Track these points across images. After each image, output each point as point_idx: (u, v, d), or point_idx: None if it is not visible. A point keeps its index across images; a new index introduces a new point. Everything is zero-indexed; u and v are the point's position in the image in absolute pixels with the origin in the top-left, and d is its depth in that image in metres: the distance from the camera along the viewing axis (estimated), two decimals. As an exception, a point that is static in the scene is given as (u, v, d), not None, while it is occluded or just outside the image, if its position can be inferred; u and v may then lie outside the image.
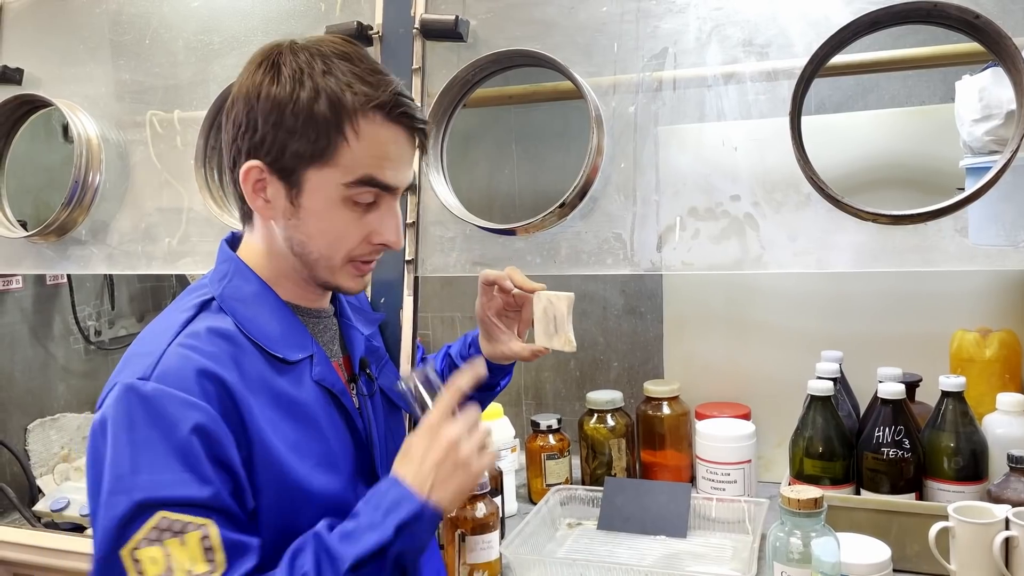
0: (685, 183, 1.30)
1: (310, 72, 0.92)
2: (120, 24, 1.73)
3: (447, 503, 0.93)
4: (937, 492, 1.37)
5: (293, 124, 0.91)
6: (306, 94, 0.91)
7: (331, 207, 0.95)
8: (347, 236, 0.97)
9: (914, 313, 1.66)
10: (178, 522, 0.82)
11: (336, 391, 1.01)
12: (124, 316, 2.24)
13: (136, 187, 1.71)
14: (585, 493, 1.61)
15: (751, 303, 1.79)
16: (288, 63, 0.93)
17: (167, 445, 0.84)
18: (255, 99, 0.92)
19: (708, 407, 1.77)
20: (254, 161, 0.94)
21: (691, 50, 1.31)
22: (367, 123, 0.93)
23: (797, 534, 1.18)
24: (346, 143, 0.92)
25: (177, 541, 0.82)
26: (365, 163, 0.93)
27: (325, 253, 0.97)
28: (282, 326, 0.99)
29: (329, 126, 0.91)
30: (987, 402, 1.44)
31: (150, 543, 0.82)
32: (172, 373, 0.87)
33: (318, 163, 0.93)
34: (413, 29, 1.43)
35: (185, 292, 1.02)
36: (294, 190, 0.94)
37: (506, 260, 1.39)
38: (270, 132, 0.92)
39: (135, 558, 0.81)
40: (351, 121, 0.92)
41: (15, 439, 1.90)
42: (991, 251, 1.14)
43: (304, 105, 0.91)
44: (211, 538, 0.83)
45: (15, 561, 1.62)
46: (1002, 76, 1.17)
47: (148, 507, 0.82)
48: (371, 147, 0.93)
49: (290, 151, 0.92)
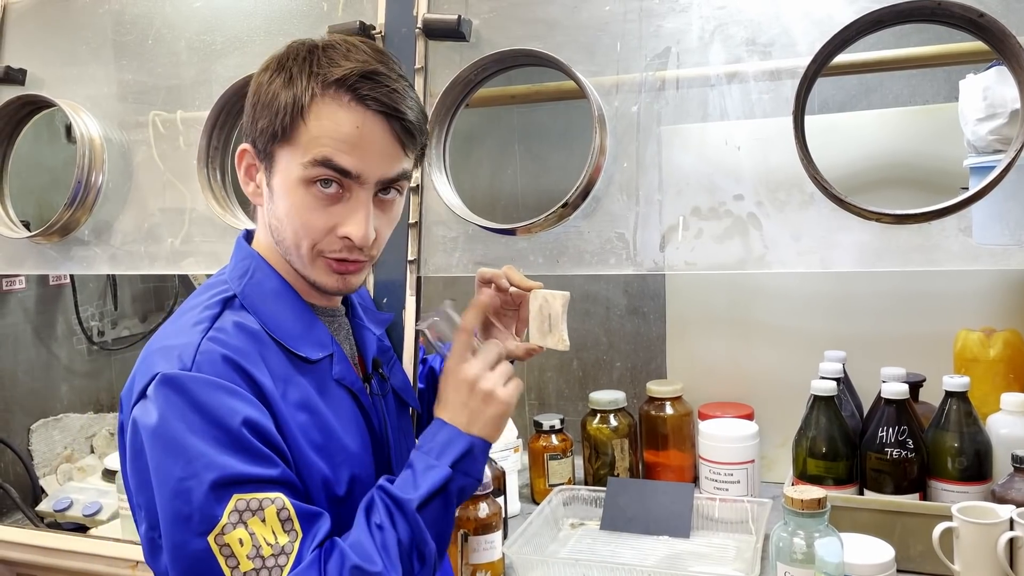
0: (688, 183, 1.30)
1: (291, 60, 0.94)
2: (123, 24, 1.73)
3: (489, 434, 0.99)
4: (941, 492, 1.37)
5: (263, 103, 0.94)
6: (280, 77, 0.93)
7: (293, 187, 0.94)
8: (310, 223, 0.94)
9: (918, 313, 1.65)
10: (254, 500, 0.84)
11: (356, 390, 1.02)
12: (127, 316, 2.24)
13: (139, 187, 1.71)
14: (588, 493, 1.61)
15: (754, 303, 1.79)
16: (279, 55, 0.96)
17: (221, 429, 0.85)
18: (249, 89, 0.97)
19: (711, 407, 1.77)
20: (244, 144, 0.98)
21: (694, 49, 1.30)
22: (327, 102, 0.91)
23: (800, 534, 1.18)
24: (303, 121, 0.92)
25: (257, 519, 0.84)
26: (323, 143, 0.91)
27: (293, 240, 0.96)
28: (303, 324, 0.99)
29: (288, 104, 0.92)
30: (991, 402, 1.44)
31: (233, 527, 0.83)
32: (212, 364, 0.88)
33: (282, 141, 0.93)
34: (416, 29, 1.43)
35: (203, 288, 1.02)
36: (270, 171, 0.96)
37: (509, 260, 1.39)
38: (249, 112, 0.96)
39: (221, 543, 0.82)
40: (311, 99, 0.91)
41: (18, 439, 1.90)
42: (995, 250, 1.14)
43: (274, 86, 0.93)
44: (287, 509, 0.85)
45: (18, 561, 1.62)
46: (1006, 75, 1.17)
47: (222, 487, 0.83)
48: (329, 127, 0.91)
49: (259, 128, 0.95)
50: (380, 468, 1.05)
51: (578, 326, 2.04)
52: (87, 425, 2.06)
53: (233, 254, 1.04)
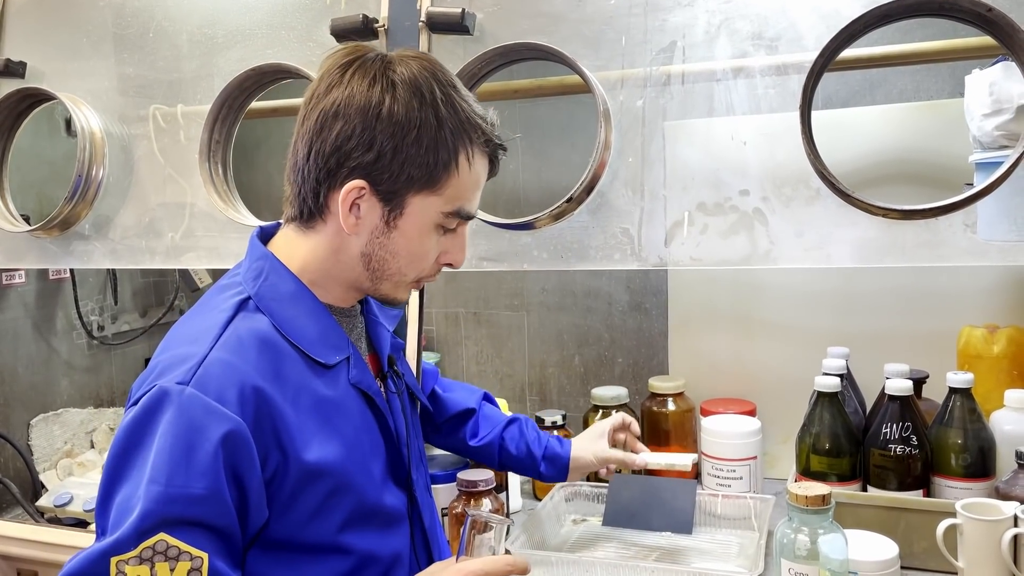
0: (693, 178, 1.30)
1: (430, 97, 0.92)
2: (123, 17, 1.73)
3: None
4: (945, 489, 1.37)
5: (414, 151, 0.91)
6: (431, 121, 0.91)
7: (424, 231, 0.96)
8: (427, 257, 0.99)
9: (921, 309, 1.65)
10: (175, 548, 0.81)
11: (372, 393, 1.00)
12: (127, 311, 2.23)
13: (139, 182, 1.70)
14: (590, 489, 1.60)
15: (757, 299, 1.79)
16: (406, 82, 0.92)
17: (192, 455, 0.82)
18: (373, 117, 0.91)
19: (714, 403, 1.76)
20: (359, 181, 0.92)
21: (700, 44, 1.30)
22: (477, 156, 0.96)
23: (804, 531, 1.18)
24: (457, 174, 0.94)
25: (167, 567, 0.81)
26: (464, 194, 0.96)
27: (403, 271, 0.98)
28: (319, 327, 0.97)
29: (448, 158, 0.93)
30: (995, 398, 1.43)
31: (140, 562, 0.80)
32: (212, 380, 0.86)
33: (426, 190, 0.94)
34: (419, 22, 1.43)
35: (216, 289, 1.00)
36: (394, 212, 0.94)
37: (513, 255, 1.38)
38: (388, 155, 0.91)
39: (120, 570, 0.80)
40: (467, 154, 0.94)
41: (18, 434, 1.89)
42: (1002, 246, 1.14)
43: (429, 133, 0.91)
44: (201, 572, 0.82)
45: (18, 556, 1.61)
46: (1013, 70, 1.17)
47: (152, 521, 0.80)
48: (472, 178, 0.97)
49: (403, 176, 0.92)
50: (394, 468, 1.03)
51: (580, 322, 2.04)
52: (87, 420, 2.06)
53: (247, 254, 1.01)
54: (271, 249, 1.00)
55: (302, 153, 0.95)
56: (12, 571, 1.64)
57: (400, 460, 1.03)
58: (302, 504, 0.90)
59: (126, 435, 0.85)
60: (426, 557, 1.08)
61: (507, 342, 2.13)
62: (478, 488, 1.35)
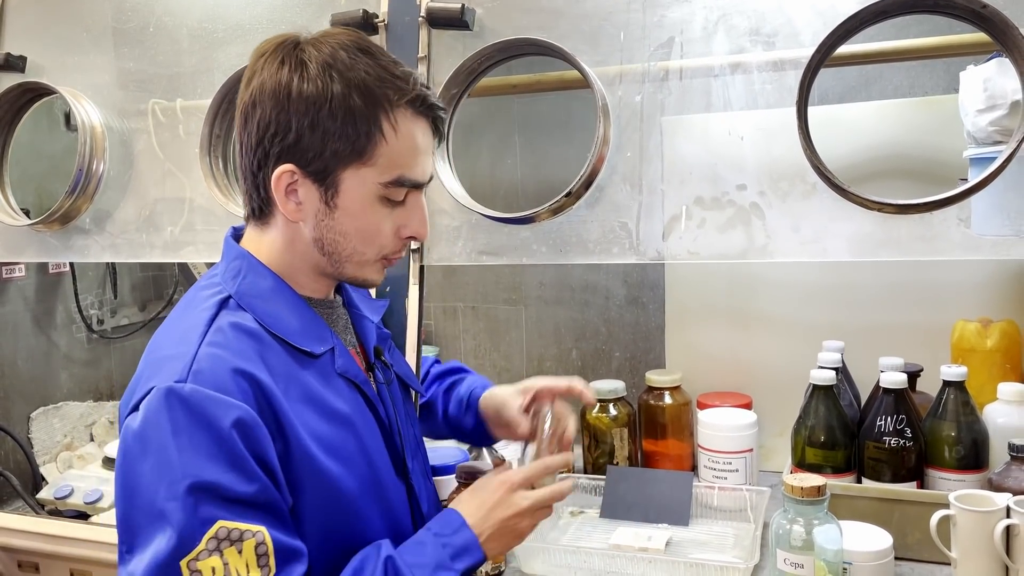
0: (691, 172, 1.31)
1: (339, 68, 0.90)
2: (123, 12, 1.73)
3: (494, 556, 1.05)
4: (938, 481, 1.38)
5: (330, 125, 0.90)
6: (339, 91, 0.89)
7: (367, 206, 0.95)
8: (380, 232, 0.97)
9: (916, 303, 1.66)
10: (236, 531, 0.82)
11: (359, 382, 1.01)
12: (126, 305, 2.24)
13: (139, 176, 1.71)
14: (588, 482, 1.62)
15: (753, 293, 1.80)
16: (313, 59, 0.91)
17: (212, 445, 0.83)
18: (284, 98, 0.90)
19: (710, 396, 1.78)
20: (287, 165, 0.92)
21: (698, 39, 1.31)
22: (401, 119, 0.93)
23: (800, 522, 1.19)
24: (384, 141, 0.92)
25: (234, 549, 0.82)
26: (400, 161, 0.94)
27: (359, 249, 0.97)
28: (301, 320, 0.97)
29: (368, 124, 0.91)
30: (988, 391, 1.45)
31: (210, 554, 0.81)
32: (207, 373, 0.86)
33: (356, 163, 0.92)
34: (419, 17, 1.43)
35: (195, 289, 1.00)
36: (330, 191, 0.93)
37: (512, 249, 1.39)
38: (306, 134, 0.90)
39: (194, 569, 0.80)
40: (388, 118, 0.92)
41: (18, 427, 1.90)
42: (996, 241, 1.15)
43: (340, 104, 0.90)
44: (265, 543, 0.84)
45: (19, 548, 1.62)
46: (1007, 66, 1.18)
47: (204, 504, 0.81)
48: (405, 143, 0.93)
49: (327, 152, 0.91)
50: (391, 456, 1.04)
51: (577, 316, 2.05)
52: (87, 413, 2.06)
53: (223, 254, 1.02)
54: (245, 248, 1.00)
55: (237, 150, 0.97)
56: (13, 563, 1.65)
57: (394, 448, 1.04)
58: (300, 491, 0.91)
59: (137, 440, 0.85)
60: None
61: (505, 336, 2.14)
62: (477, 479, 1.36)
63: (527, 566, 1.37)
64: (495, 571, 1.36)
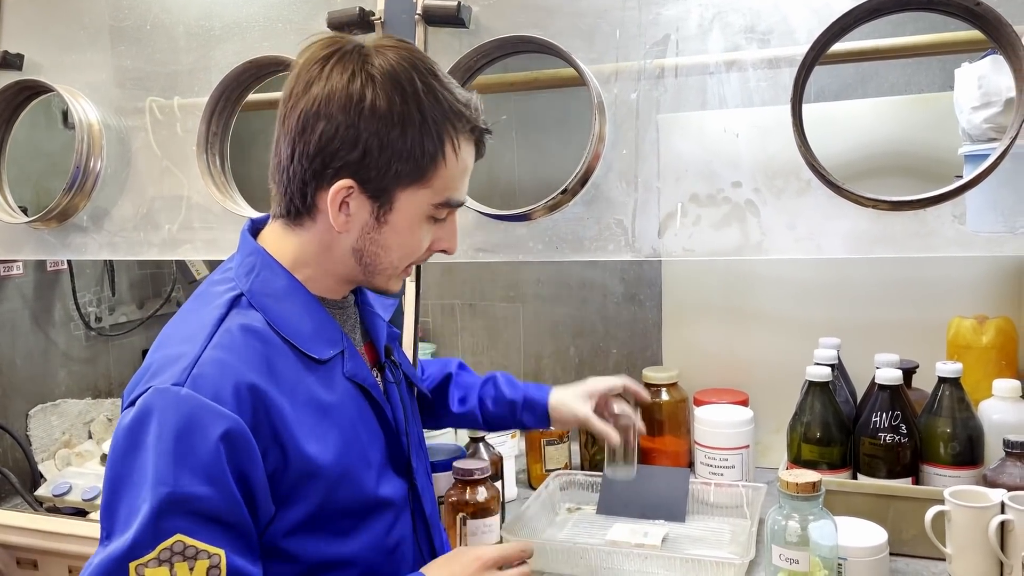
0: (687, 170, 1.31)
1: (412, 88, 0.90)
2: (120, 10, 1.73)
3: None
4: (933, 477, 1.39)
5: (400, 146, 0.90)
6: (414, 113, 0.90)
7: (415, 224, 0.96)
8: (419, 249, 1.00)
9: (911, 300, 1.67)
10: (192, 548, 0.81)
11: (368, 385, 1.00)
12: (124, 303, 2.24)
13: (137, 174, 1.71)
14: (584, 478, 1.62)
15: (749, 290, 1.80)
16: (386, 76, 0.90)
17: (195, 455, 0.82)
18: (356, 113, 0.89)
19: (706, 393, 1.78)
20: (347, 180, 0.91)
21: (693, 37, 1.31)
22: (461, 143, 0.95)
23: (795, 517, 1.19)
24: (444, 165, 0.93)
25: (186, 566, 0.81)
26: (453, 184, 0.96)
27: (396, 263, 0.99)
28: (313, 322, 0.97)
29: (435, 149, 0.92)
30: (983, 388, 1.45)
31: (160, 563, 0.80)
32: (207, 379, 0.85)
33: (415, 184, 0.93)
34: (415, 15, 1.43)
35: (208, 283, 0.99)
36: (384, 208, 0.94)
37: (508, 246, 1.40)
38: (374, 152, 0.90)
39: (140, 574, 0.80)
40: (453, 144, 0.93)
41: (16, 425, 1.90)
42: (990, 237, 1.15)
43: (413, 126, 0.90)
44: (219, 568, 0.82)
45: (17, 545, 1.62)
46: (1001, 63, 1.18)
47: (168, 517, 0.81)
48: (460, 167, 0.96)
49: (391, 172, 0.91)
50: (395, 458, 1.03)
51: (574, 313, 2.05)
52: (85, 411, 2.07)
53: (239, 248, 1.01)
54: (261, 242, 1.00)
55: (285, 153, 0.94)
56: (11, 560, 1.65)
57: (400, 449, 1.04)
58: (302, 499, 0.91)
59: (125, 437, 0.85)
60: (427, 543, 1.09)
61: (502, 333, 2.14)
62: (474, 476, 1.37)
63: (524, 562, 1.37)
64: None
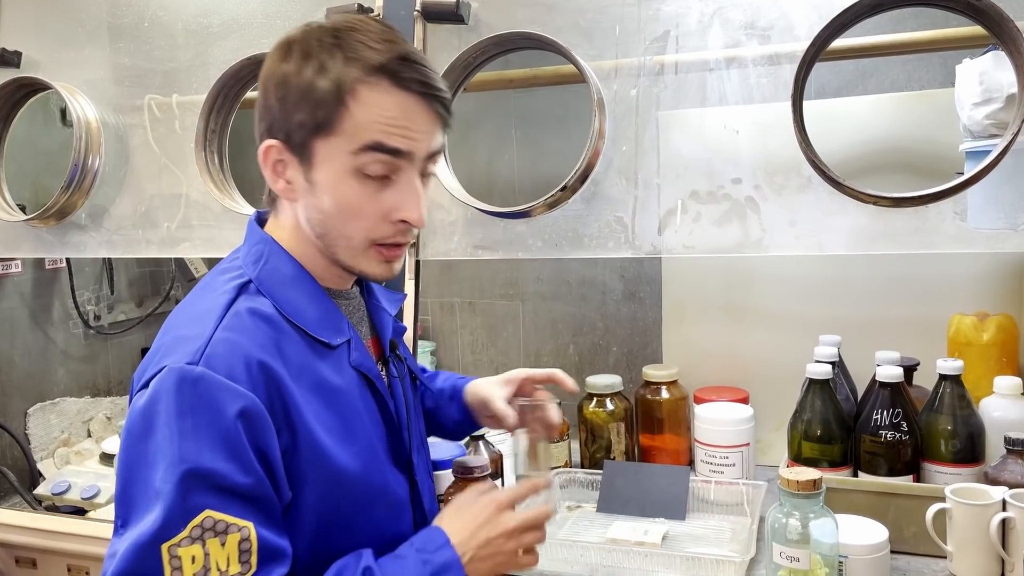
0: (687, 166, 1.31)
1: (318, 47, 0.92)
2: (118, 7, 1.73)
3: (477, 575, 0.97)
4: (934, 474, 1.38)
5: (296, 96, 0.91)
6: (310, 67, 0.91)
7: (341, 178, 0.93)
8: (362, 211, 0.94)
9: (912, 297, 1.66)
10: (222, 523, 0.82)
11: (372, 376, 1.00)
12: (123, 301, 2.24)
13: (135, 171, 1.71)
14: (584, 476, 1.62)
15: (750, 288, 1.80)
16: (298, 41, 0.93)
17: (214, 432, 0.83)
18: (270, 81, 0.94)
19: (707, 391, 1.78)
20: (270, 140, 0.94)
21: (693, 33, 1.31)
22: (368, 88, 0.91)
23: (796, 515, 1.19)
24: (346, 109, 0.91)
25: (218, 541, 0.82)
26: (370, 129, 0.91)
27: (344, 232, 0.95)
28: (320, 309, 0.97)
29: (327, 94, 0.90)
30: (984, 385, 1.45)
31: (192, 541, 0.81)
32: (220, 358, 0.86)
33: (323, 133, 0.92)
34: (414, 11, 1.43)
35: (216, 272, 1.00)
36: (306, 165, 0.93)
37: (507, 244, 1.39)
38: (277, 107, 0.93)
39: (174, 554, 0.80)
40: (350, 87, 0.91)
41: (15, 423, 1.90)
42: (990, 234, 1.15)
43: (306, 77, 0.91)
44: (250, 540, 0.83)
45: (16, 544, 1.62)
46: (1003, 59, 1.18)
47: (195, 494, 0.81)
48: (375, 112, 0.91)
49: (295, 122, 0.92)
50: (396, 452, 1.03)
51: (575, 311, 2.05)
52: (84, 409, 2.06)
53: (246, 238, 1.02)
54: (271, 233, 1.00)
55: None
56: (10, 559, 1.65)
57: (401, 444, 1.04)
58: (310, 485, 0.91)
59: (142, 418, 0.85)
60: None
61: (502, 331, 2.14)
62: (474, 475, 1.36)
63: (523, 560, 1.37)
64: None
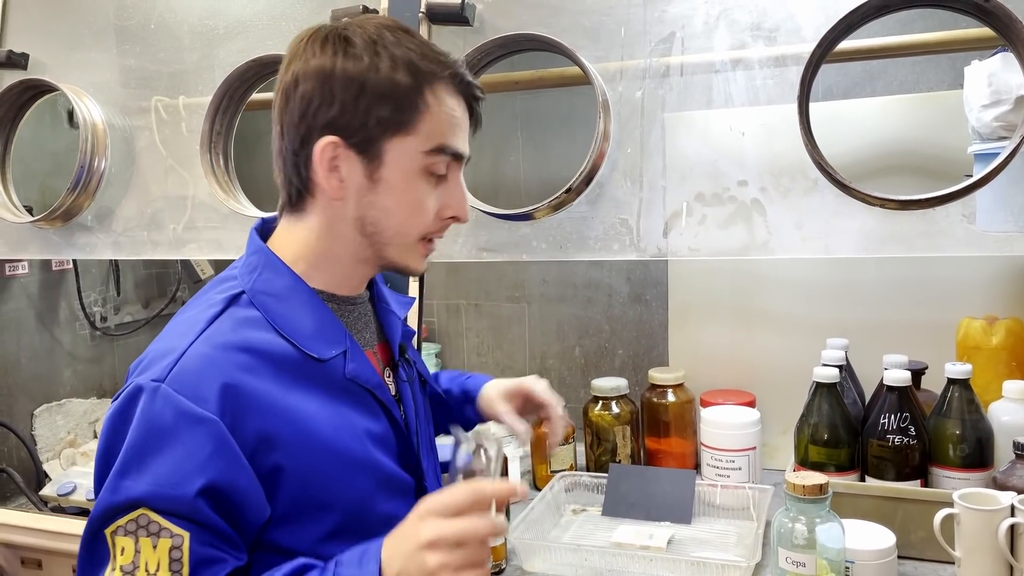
0: (692, 169, 1.30)
1: (383, 43, 0.91)
2: (125, 9, 1.73)
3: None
4: (942, 479, 1.37)
5: (375, 93, 0.90)
6: (385, 63, 0.90)
7: (411, 178, 0.94)
8: (423, 209, 0.95)
9: (920, 301, 1.65)
10: (155, 524, 0.82)
11: (371, 386, 0.98)
12: (130, 302, 2.24)
13: (141, 173, 1.71)
14: (590, 479, 1.61)
15: (756, 290, 1.79)
16: (358, 36, 0.92)
17: (167, 451, 0.83)
18: (329, 74, 0.91)
19: (713, 394, 1.77)
20: (331, 137, 0.91)
21: (699, 35, 1.30)
22: (443, 90, 0.93)
23: (802, 520, 1.18)
24: (427, 109, 0.92)
25: (149, 541, 0.82)
26: (441, 130, 0.93)
27: (401, 230, 0.95)
28: (315, 320, 0.95)
29: (411, 93, 0.91)
30: (993, 390, 1.44)
31: (126, 533, 0.82)
32: (188, 376, 0.85)
33: (400, 132, 0.92)
34: (419, 13, 1.43)
35: (214, 282, 0.99)
36: (374, 163, 0.92)
37: (512, 246, 1.39)
38: (350, 104, 0.90)
39: (113, 541, 0.83)
40: (430, 87, 0.92)
41: (22, 424, 1.91)
42: (999, 237, 1.14)
43: (385, 74, 0.90)
44: (182, 550, 0.82)
45: (22, 545, 1.63)
46: (1012, 61, 1.17)
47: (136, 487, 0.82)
48: (446, 115, 0.93)
49: (372, 121, 0.91)
50: (405, 458, 1.01)
51: (580, 313, 2.05)
52: (90, 410, 2.07)
53: (246, 248, 1.01)
54: (271, 243, 0.99)
55: (275, 132, 0.96)
56: (16, 559, 1.65)
57: (410, 449, 1.02)
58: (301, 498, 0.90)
59: (107, 429, 0.87)
60: None
61: (508, 333, 2.14)
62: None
63: (528, 564, 1.36)
64: (495, 569, 1.36)
